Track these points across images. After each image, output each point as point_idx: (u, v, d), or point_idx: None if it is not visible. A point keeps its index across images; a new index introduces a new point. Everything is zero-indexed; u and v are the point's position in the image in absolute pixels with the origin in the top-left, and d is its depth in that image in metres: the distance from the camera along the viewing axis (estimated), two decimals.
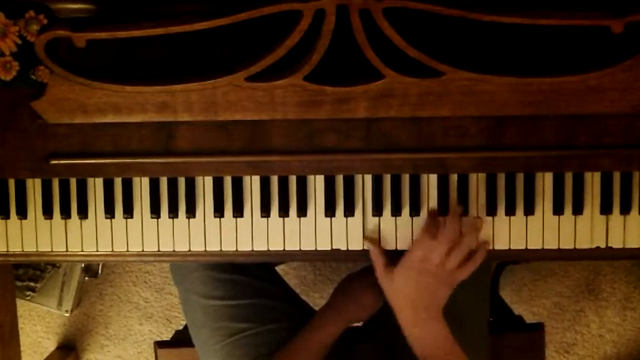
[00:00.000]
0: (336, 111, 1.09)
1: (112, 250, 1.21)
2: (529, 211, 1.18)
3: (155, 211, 1.20)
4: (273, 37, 1.02)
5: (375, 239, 1.19)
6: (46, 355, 2.01)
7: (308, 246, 1.20)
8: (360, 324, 1.40)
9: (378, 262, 1.17)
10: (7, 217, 1.20)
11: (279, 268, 1.52)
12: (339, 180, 1.18)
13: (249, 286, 1.34)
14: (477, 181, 1.18)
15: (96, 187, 1.19)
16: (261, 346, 1.31)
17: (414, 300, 1.14)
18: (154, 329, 2.05)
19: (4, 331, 1.54)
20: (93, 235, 1.21)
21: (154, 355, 1.47)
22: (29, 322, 2.05)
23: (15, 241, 1.21)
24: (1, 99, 1.15)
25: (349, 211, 1.18)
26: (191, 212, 1.19)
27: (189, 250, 1.21)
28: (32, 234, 1.21)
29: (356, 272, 1.40)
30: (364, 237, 1.19)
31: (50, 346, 2.06)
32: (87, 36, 1.01)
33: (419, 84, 1.05)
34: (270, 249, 1.20)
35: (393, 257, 1.17)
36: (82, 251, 1.21)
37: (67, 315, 1.99)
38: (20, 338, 1.65)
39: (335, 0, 0.97)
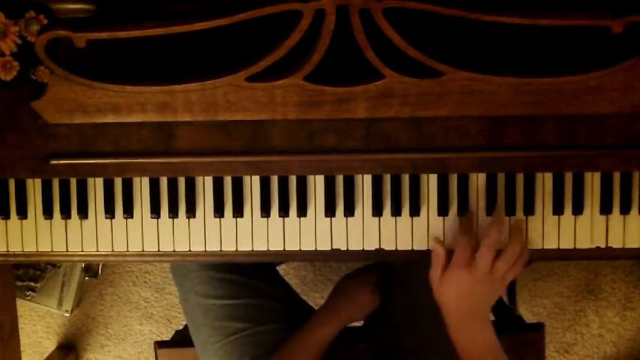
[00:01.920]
0: (336, 111, 1.09)
1: (112, 250, 1.21)
2: (529, 211, 1.18)
3: (155, 211, 1.20)
4: (273, 37, 1.02)
5: (440, 239, 1.17)
6: (46, 355, 2.01)
7: (308, 246, 1.20)
8: (358, 324, 1.40)
9: (437, 261, 1.14)
10: (7, 217, 1.20)
11: (279, 268, 1.52)
12: (339, 180, 1.18)
13: (249, 285, 1.34)
14: (477, 181, 1.18)
15: (96, 187, 1.19)
16: (260, 345, 1.31)
17: (463, 305, 1.12)
18: (154, 329, 2.05)
19: (4, 331, 1.54)
20: (93, 235, 1.21)
21: (154, 355, 1.47)
22: (29, 322, 2.05)
23: (15, 241, 1.21)
24: (1, 99, 1.15)
25: (349, 211, 1.18)
26: (191, 212, 1.19)
27: (189, 250, 1.21)
28: (32, 234, 1.21)
29: (353, 272, 1.40)
30: (429, 236, 1.17)
31: (50, 346, 2.06)
32: (87, 36, 1.01)
33: (419, 84, 1.05)
34: (270, 249, 1.20)
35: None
36: (82, 251, 1.21)
37: (67, 315, 1.99)
38: (20, 338, 1.65)
39: (335, 0, 0.97)
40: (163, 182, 1.19)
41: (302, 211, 1.19)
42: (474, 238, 1.13)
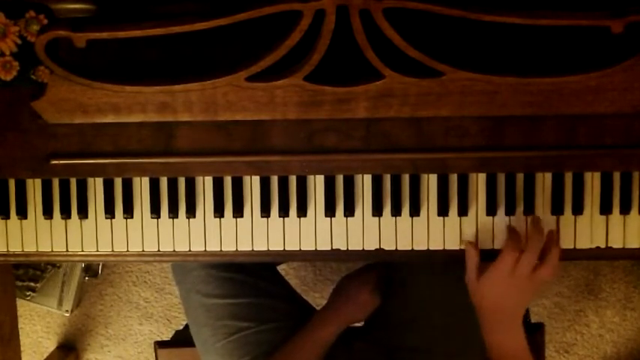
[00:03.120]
0: (336, 111, 1.09)
1: (112, 250, 1.21)
2: (529, 211, 1.18)
3: (155, 211, 1.20)
4: (273, 37, 1.02)
5: (473, 240, 1.18)
6: (46, 355, 2.01)
7: (308, 246, 1.20)
8: (360, 324, 1.40)
9: (471, 263, 1.15)
10: (7, 217, 1.20)
11: (279, 268, 1.52)
12: (339, 180, 1.18)
13: (251, 284, 1.34)
14: (477, 181, 1.18)
15: (96, 187, 1.19)
16: (262, 344, 1.31)
17: (500, 308, 1.13)
18: (154, 329, 2.05)
19: (4, 331, 1.54)
20: (93, 235, 1.21)
21: (154, 355, 1.47)
22: (29, 322, 2.05)
23: (15, 241, 1.21)
24: (1, 99, 1.15)
25: (349, 211, 1.18)
26: (191, 212, 1.19)
27: (190, 250, 1.21)
28: (32, 234, 1.21)
29: (353, 272, 1.40)
30: (461, 237, 1.18)
31: (50, 346, 2.06)
32: (87, 36, 1.01)
33: (419, 84, 1.05)
34: (270, 249, 1.20)
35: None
36: (82, 251, 1.21)
37: (67, 315, 1.99)
38: (20, 338, 1.65)
39: (335, 0, 0.97)
40: (163, 182, 1.19)
41: (302, 211, 1.19)
42: (521, 249, 1.12)
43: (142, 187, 1.19)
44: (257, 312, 1.32)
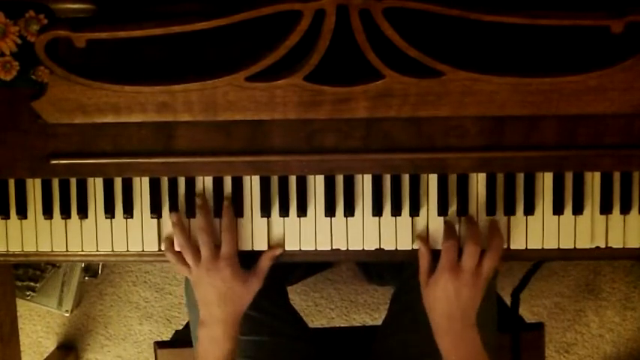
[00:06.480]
0: (336, 111, 1.09)
1: (112, 250, 1.21)
2: (529, 211, 1.18)
3: (155, 211, 1.20)
4: (273, 37, 1.02)
5: (424, 238, 1.18)
6: (46, 355, 2.01)
7: (308, 246, 1.20)
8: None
9: (423, 264, 1.15)
10: (7, 217, 1.20)
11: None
12: (339, 180, 1.18)
13: (267, 323, 1.29)
14: (477, 181, 1.18)
15: (96, 187, 1.19)
16: None
17: (451, 309, 1.11)
18: (154, 329, 2.05)
19: (4, 331, 1.54)
20: (93, 235, 1.21)
21: (154, 355, 1.47)
22: (29, 322, 2.05)
23: (15, 241, 1.21)
24: (1, 99, 1.15)
25: (349, 211, 1.18)
26: (191, 212, 1.19)
27: None
28: (32, 234, 1.21)
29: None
30: (415, 236, 1.18)
31: (50, 345, 2.06)
32: (87, 36, 1.01)
33: (418, 84, 1.05)
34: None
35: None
36: (82, 251, 1.21)
37: (67, 315, 1.99)
38: (20, 338, 1.65)
39: (335, 0, 0.97)
40: (163, 182, 1.19)
41: (302, 211, 1.19)
42: (458, 240, 1.13)
43: (142, 187, 1.19)
44: (271, 351, 1.29)
